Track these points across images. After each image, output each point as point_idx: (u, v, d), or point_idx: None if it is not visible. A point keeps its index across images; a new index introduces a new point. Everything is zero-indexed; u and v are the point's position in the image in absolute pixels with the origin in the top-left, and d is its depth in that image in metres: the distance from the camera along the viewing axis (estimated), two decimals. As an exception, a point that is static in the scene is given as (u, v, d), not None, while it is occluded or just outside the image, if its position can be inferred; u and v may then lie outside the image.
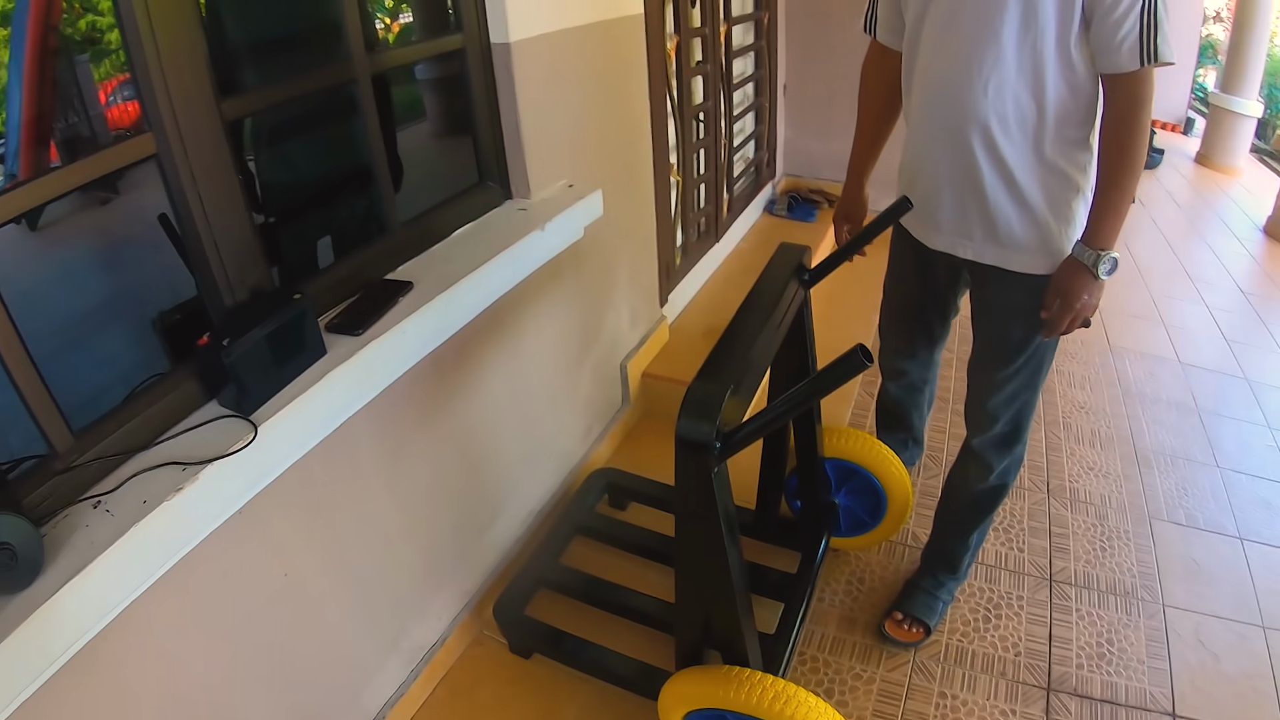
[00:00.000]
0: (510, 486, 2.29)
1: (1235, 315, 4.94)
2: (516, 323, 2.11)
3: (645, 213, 2.85)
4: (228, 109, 1.30)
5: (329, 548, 1.61)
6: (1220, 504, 3.15)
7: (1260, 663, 2.52)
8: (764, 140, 4.48)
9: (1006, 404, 2.09)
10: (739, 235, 4.19)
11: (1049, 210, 1.83)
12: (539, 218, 2.00)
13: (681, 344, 3.22)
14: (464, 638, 2.16)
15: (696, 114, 3.32)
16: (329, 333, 1.47)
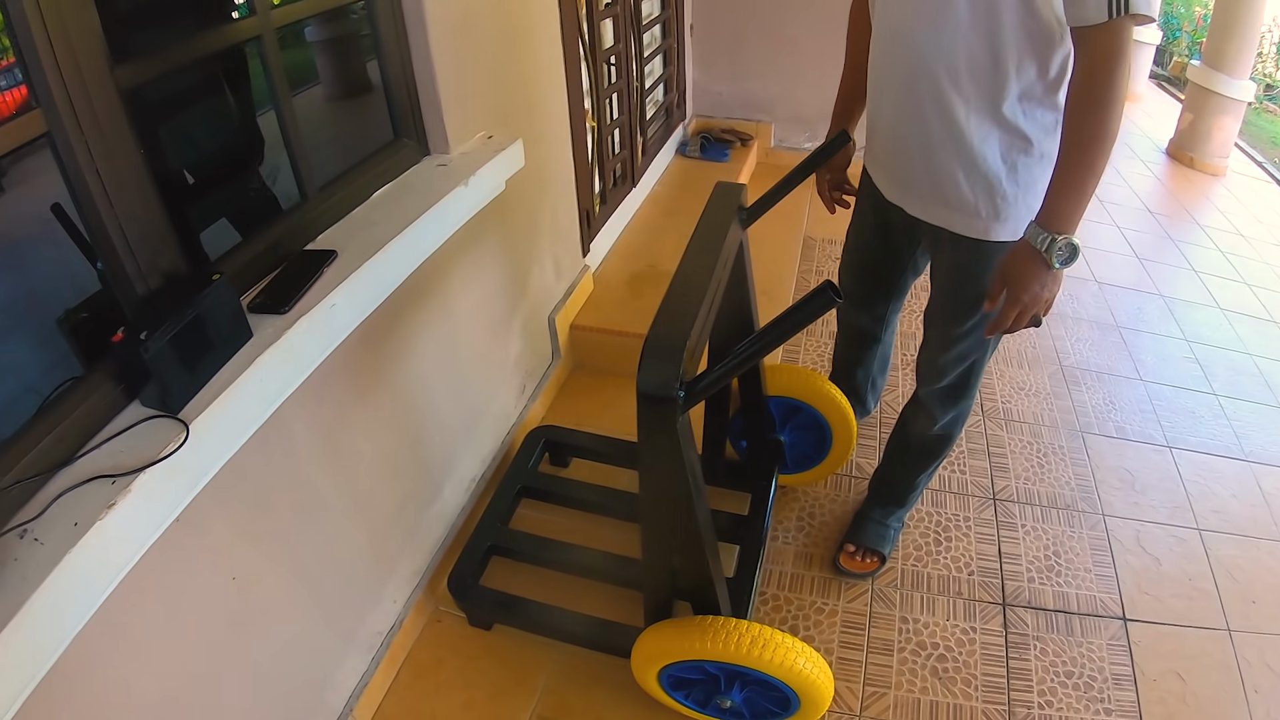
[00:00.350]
0: (451, 455, 2.20)
1: (1145, 235, 5.10)
2: (443, 284, 2.00)
3: (563, 161, 2.75)
4: (122, 76, 1.15)
5: (275, 544, 1.50)
6: (1147, 415, 3.25)
7: (1199, 563, 2.63)
8: (673, 82, 4.37)
9: (955, 362, 2.03)
10: (654, 179, 4.11)
11: (1004, 172, 1.67)
12: (461, 173, 1.88)
13: (606, 293, 3.15)
14: (420, 617, 2.09)
15: (608, 58, 3.20)
16: (252, 313, 1.34)
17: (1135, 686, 2.22)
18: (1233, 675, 2.31)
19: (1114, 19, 1.34)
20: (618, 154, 3.48)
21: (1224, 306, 4.32)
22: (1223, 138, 6.28)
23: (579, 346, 3.01)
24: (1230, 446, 3.19)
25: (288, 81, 1.53)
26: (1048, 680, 2.19)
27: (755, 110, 4.83)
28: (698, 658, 1.68)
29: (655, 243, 3.54)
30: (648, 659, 1.77)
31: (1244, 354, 3.89)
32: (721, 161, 4.45)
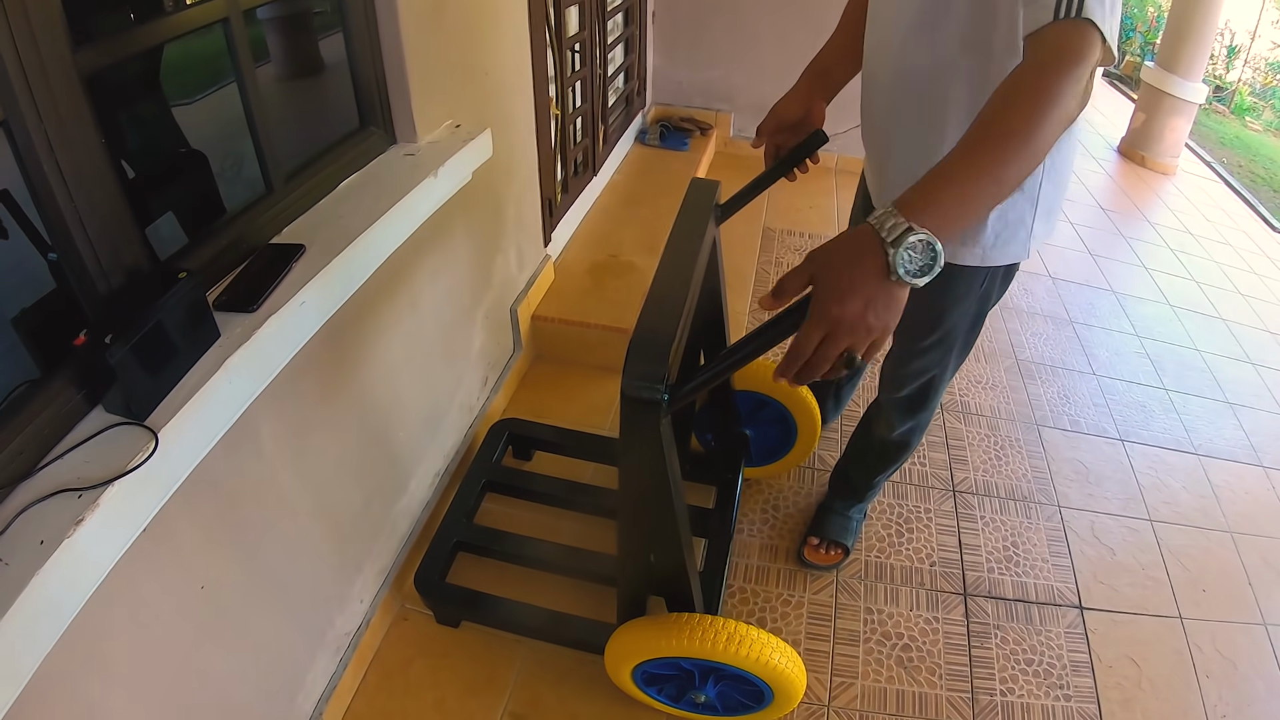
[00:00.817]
0: (416, 450, 2.15)
1: (1098, 231, 5.20)
2: (409, 277, 1.95)
3: (528, 149, 2.70)
4: (84, 61, 1.07)
5: (243, 550, 1.45)
6: (1100, 409, 3.31)
7: (1152, 553, 2.69)
8: (634, 70, 4.33)
9: (915, 375, 1.97)
10: (614, 167, 4.07)
11: None
12: (429, 163, 1.83)
13: (567, 283, 3.11)
14: (387, 616, 2.05)
15: (573, 45, 3.16)
16: (219, 311, 1.28)
17: (1092, 673, 2.27)
18: (1185, 661, 2.37)
19: (1060, 20, 1.11)
20: (580, 142, 3.44)
21: (1174, 303, 4.42)
22: (1174, 138, 6.43)
23: (540, 337, 2.97)
24: (1180, 440, 3.26)
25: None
26: (1009, 668, 2.23)
27: (715, 99, 4.80)
28: (674, 655, 1.67)
29: (616, 231, 3.51)
30: (622, 656, 1.76)
31: (1193, 350, 3.98)
32: (681, 150, 4.42)
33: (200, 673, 1.39)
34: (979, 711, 2.11)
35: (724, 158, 4.84)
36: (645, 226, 3.54)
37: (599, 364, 2.97)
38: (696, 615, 1.68)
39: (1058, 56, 1.10)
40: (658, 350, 1.30)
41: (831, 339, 1.01)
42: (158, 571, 1.22)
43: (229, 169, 1.66)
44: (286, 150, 1.62)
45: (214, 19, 1.38)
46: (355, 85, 1.82)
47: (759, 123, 1.80)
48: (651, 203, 3.75)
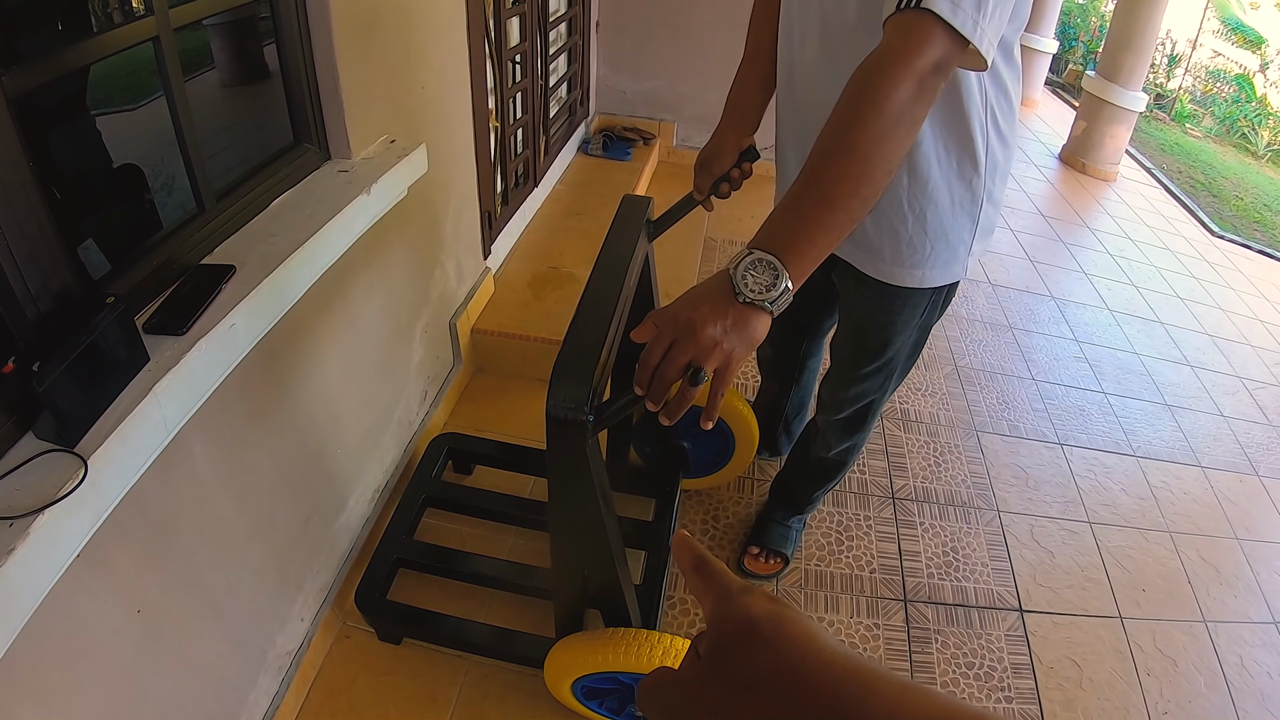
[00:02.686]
0: (355, 467, 2.17)
1: (1038, 238, 5.34)
2: (344, 293, 1.96)
3: (466, 162, 2.71)
4: (10, 84, 1.08)
5: (179, 571, 1.46)
6: (1039, 413, 3.40)
7: (1091, 555, 2.78)
8: (577, 80, 4.37)
9: (852, 400, 2.02)
10: (556, 177, 4.11)
11: (910, 219, 1.55)
12: (363, 180, 1.85)
13: (508, 295, 3.14)
14: (329, 635, 2.06)
15: (513, 56, 3.18)
16: (149, 335, 1.29)
17: (1034, 674, 2.33)
18: (1126, 660, 2.44)
19: (900, 13, 1.07)
20: (520, 154, 3.46)
21: (1113, 308, 4.55)
22: (1115, 145, 6.65)
23: (480, 350, 2.99)
24: (1119, 443, 3.36)
25: (181, 68, 1.47)
26: (950, 672, 2.29)
27: (659, 109, 4.86)
28: (610, 670, 1.69)
29: (557, 243, 3.54)
30: (561, 671, 1.78)
31: (1132, 354, 4.10)
32: (624, 160, 4.47)
33: (139, 697, 1.39)
34: (920, 716, 2.16)
35: (667, 167, 4.90)
36: (587, 237, 3.58)
37: (539, 376, 2.99)
38: (632, 630, 1.70)
39: (886, 55, 1.06)
40: (582, 371, 1.32)
41: (677, 347, 1.03)
42: (93, 597, 1.23)
43: (160, 188, 1.66)
44: (220, 167, 1.63)
45: (143, 38, 1.38)
46: (289, 101, 1.83)
47: (695, 179, 1.84)
48: (593, 213, 3.79)
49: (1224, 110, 12.19)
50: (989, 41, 1.08)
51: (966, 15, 1.04)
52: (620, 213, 1.82)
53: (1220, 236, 6.51)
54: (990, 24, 1.07)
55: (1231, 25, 13.76)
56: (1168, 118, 11.65)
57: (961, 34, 1.05)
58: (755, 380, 3.18)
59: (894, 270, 1.64)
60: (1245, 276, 5.75)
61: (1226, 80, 12.51)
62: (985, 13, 1.06)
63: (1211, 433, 3.69)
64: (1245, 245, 6.53)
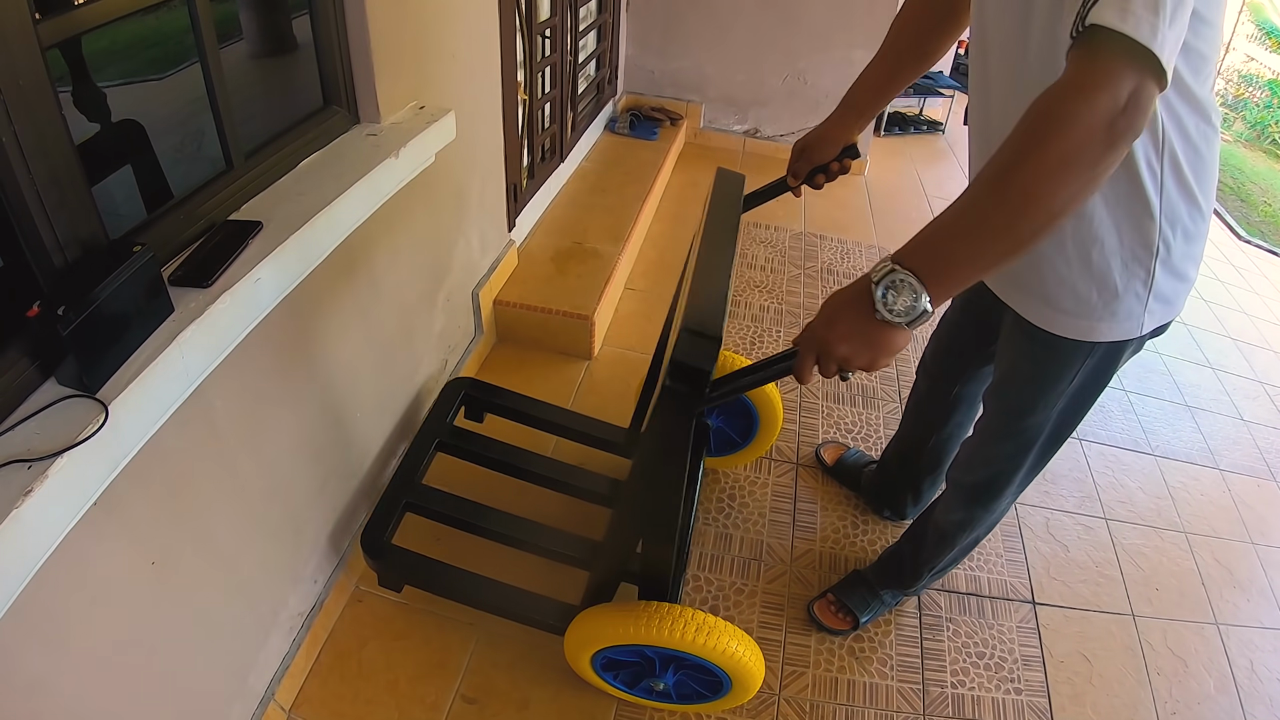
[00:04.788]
0: (373, 432, 2.17)
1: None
2: (369, 257, 1.96)
3: (493, 133, 2.71)
4: (45, 32, 1.08)
5: (194, 526, 1.46)
6: (1059, 408, 3.33)
7: (1106, 550, 2.74)
8: (606, 58, 4.36)
9: (983, 463, 1.86)
10: (582, 154, 4.10)
11: (1073, 251, 1.40)
12: (391, 144, 1.84)
13: (530, 269, 3.13)
14: (342, 597, 2.07)
15: (543, 30, 3.17)
16: (174, 286, 1.29)
17: (1044, 667, 2.31)
18: (1136, 658, 2.42)
19: (1075, 41, 0.98)
20: (547, 128, 3.46)
21: (1135, 305, 4.47)
22: None
23: (502, 322, 2.99)
24: (1138, 441, 3.32)
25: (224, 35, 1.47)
26: (960, 660, 2.28)
27: (686, 90, 4.84)
28: (641, 643, 1.69)
29: (581, 219, 3.53)
30: (585, 640, 1.78)
31: (1154, 353, 4.06)
32: (650, 140, 4.45)
33: (149, 649, 1.40)
34: (930, 703, 2.15)
35: (693, 148, 4.89)
36: (611, 214, 3.57)
37: (559, 349, 3.01)
38: (667, 605, 1.70)
39: (1066, 89, 0.97)
40: (707, 349, 1.29)
41: (821, 363, 1.14)
42: (108, 546, 1.23)
43: (189, 145, 1.66)
44: (250, 127, 1.62)
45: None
46: (320, 64, 1.82)
47: (791, 163, 1.81)
48: (618, 191, 3.78)
49: (1255, 115, 12.09)
50: (1170, 50, 0.94)
51: (1140, 19, 0.91)
52: (716, 188, 1.79)
53: (1247, 242, 6.45)
54: (1171, 29, 0.93)
55: (1266, 29, 13.57)
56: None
57: (1142, 45, 0.91)
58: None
59: (1045, 313, 1.50)
60: (1270, 282, 5.69)
61: (1259, 85, 12.39)
62: (1164, 14, 0.92)
63: (1231, 436, 3.65)
64: (1272, 251, 6.46)
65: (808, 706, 2.09)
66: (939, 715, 2.14)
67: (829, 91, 4.62)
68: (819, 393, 3.12)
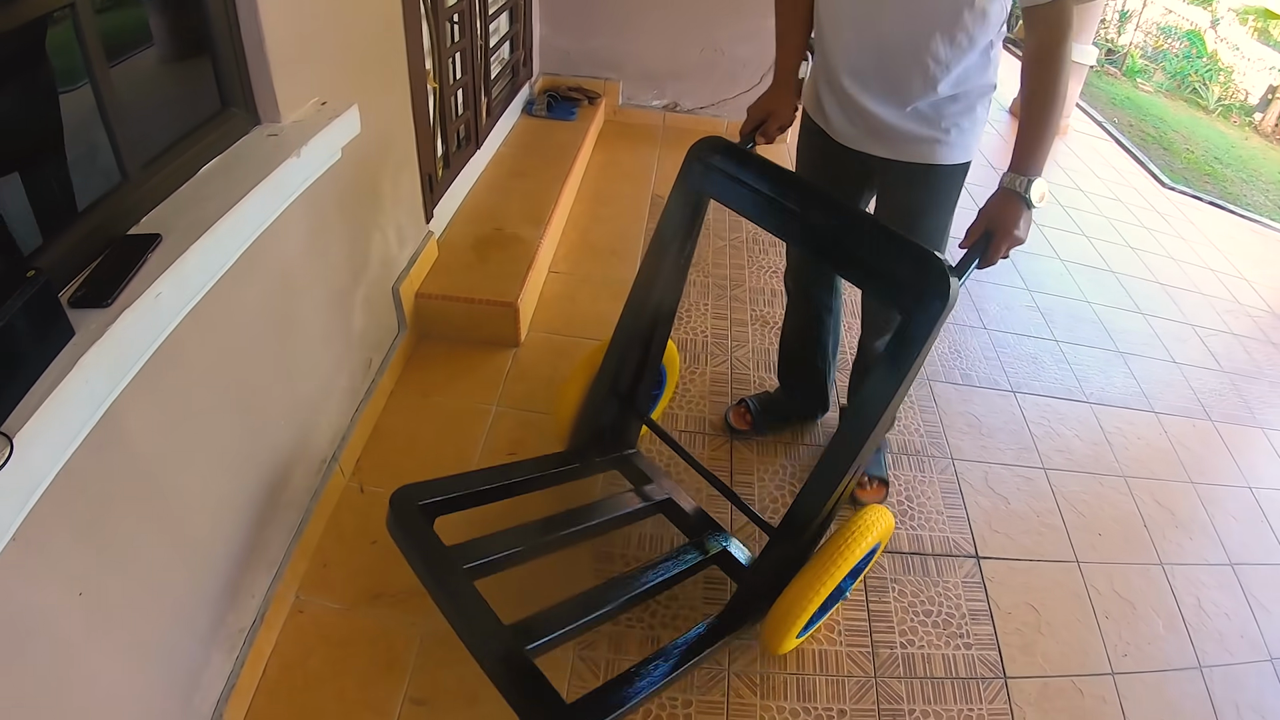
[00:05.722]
0: (299, 437, 2.15)
1: (988, 190, 5.31)
2: (279, 260, 1.94)
3: (403, 125, 2.70)
4: None
5: (121, 550, 1.44)
6: (991, 362, 3.46)
7: (1046, 500, 2.85)
8: (520, 39, 4.33)
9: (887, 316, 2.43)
10: (499, 139, 4.08)
11: (979, 106, 2.08)
12: (292, 143, 1.82)
13: (451, 259, 3.13)
14: (282, 609, 2.06)
15: (450, 16, 3.14)
16: (73, 309, 1.27)
17: (992, 620, 2.39)
18: (1084, 604, 2.51)
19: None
20: (461, 115, 3.44)
21: (1064, 258, 4.63)
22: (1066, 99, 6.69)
23: (425, 316, 2.98)
24: (1072, 389, 3.43)
25: (119, 45, 1.45)
26: (908, 620, 2.34)
27: (603, 68, 4.84)
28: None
29: (501, 205, 3.54)
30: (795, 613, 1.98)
31: (1083, 302, 4.18)
32: (569, 120, 4.45)
33: (87, 680, 1.38)
34: (880, 665, 2.21)
35: (613, 126, 4.90)
36: (531, 198, 3.58)
37: (485, 338, 3.02)
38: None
39: (1062, 33, 1.75)
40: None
41: (1008, 246, 1.82)
42: (31, 581, 1.22)
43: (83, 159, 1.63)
44: (147, 136, 1.60)
45: (60, 4, 1.33)
46: (215, 64, 1.79)
47: (764, 126, 2.23)
48: (538, 174, 3.79)
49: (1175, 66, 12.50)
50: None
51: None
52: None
53: (1171, 188, 6.62)
54: None
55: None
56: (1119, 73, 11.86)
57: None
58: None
59: (945, 151, 2.09)
60: (1196, 227, 5.86)
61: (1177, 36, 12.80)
62: None
63: (1164, 379, 3.77)
64: (1196, 197, 6.65)
65: (758, 679, 2.12)
66: (890, 676, 2.19)
67: (746, 61, 4.66)
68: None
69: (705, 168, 1.99)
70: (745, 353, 3.25)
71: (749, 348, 3.28)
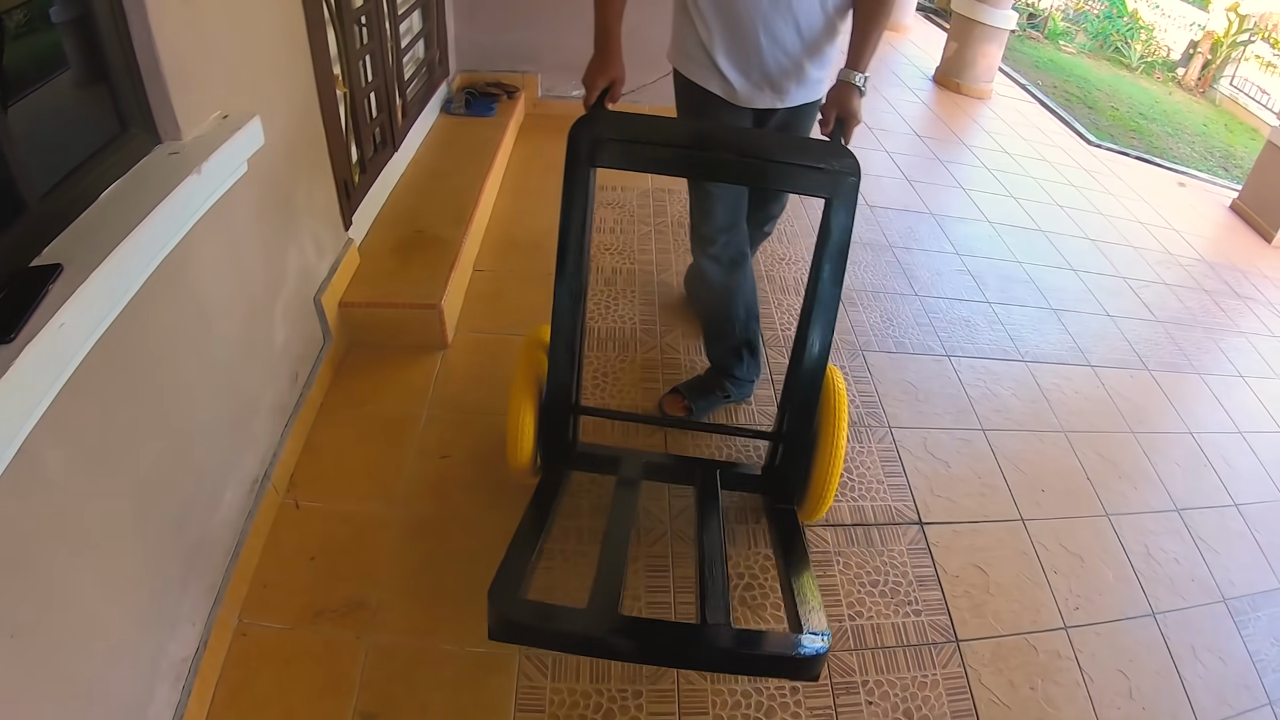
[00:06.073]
0: (228, 459, 2.14)
1: (914, 158, 5.49)
2: (192, 279, 1.92)
3: (313, 132, 2.68)
4: None
5: (50, 589, 1.43)
6: (924, 328, 3.52)
7: (987, 461, 2.89)
8: (434, 37, 4.31)
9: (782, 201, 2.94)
10: (418, 140, 4.07)
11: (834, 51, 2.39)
12: (193, 159, 1.81)
13: (373, 265, 3.12)
14: (225, 633, 2.05)
15: (358, 18, 3.11)
16: (-24, 346, 1.26)
17: (940, 585, 2.43)
18: (1031, 560, 2.56)
19: None
20: (376, 118, 3.40)
21: (993, 220, 4.72)
22: (987, 63, 6.92)
23: (350, 324, 2.96)
24: (1007, 349, 3.50)
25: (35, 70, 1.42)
26: (855, 592, 2.36)
27: (521, 61, 4.85)
28: None
29: (421, 207, 3.53)
30: None
31: (1014, 262, 4.27)
32: (488, 116, 4.45)
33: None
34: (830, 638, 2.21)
35: (534, 119, 4.91)
36: (452, 198, 3.58)
37: (412, 343, 3.02)
38: None
39: None
40: None
41: (854, 127, 2.22)
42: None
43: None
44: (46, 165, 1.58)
45: None
46: (110, 86, 1.76)
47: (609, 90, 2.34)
48: (458, 173, 3.79)
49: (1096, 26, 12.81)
50: None
51: None
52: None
53: (1097, 145, 6.77)
54: None
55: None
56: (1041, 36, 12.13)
57: None
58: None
59: (818, 88, 2.42)
60: (1123, 182, 5.99)
61: (1098, -2, 13.08)
62: None
63: (1099, 332, 3.86)
64: (1123, 152, 6.81)
65: None
66: (841, 650, 2.22)
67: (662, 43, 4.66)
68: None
69: (595, 143, 2.07)
70: (675, 337, 3.27)
71: (678, 331, 3.30)
